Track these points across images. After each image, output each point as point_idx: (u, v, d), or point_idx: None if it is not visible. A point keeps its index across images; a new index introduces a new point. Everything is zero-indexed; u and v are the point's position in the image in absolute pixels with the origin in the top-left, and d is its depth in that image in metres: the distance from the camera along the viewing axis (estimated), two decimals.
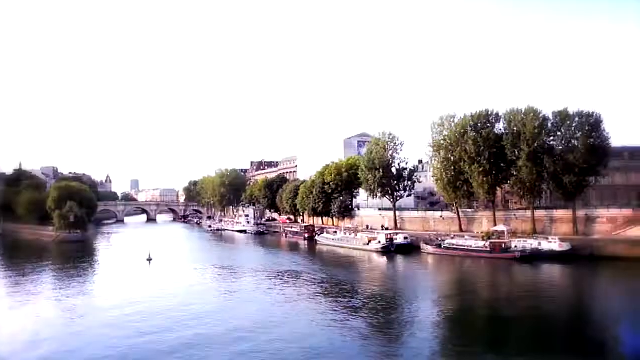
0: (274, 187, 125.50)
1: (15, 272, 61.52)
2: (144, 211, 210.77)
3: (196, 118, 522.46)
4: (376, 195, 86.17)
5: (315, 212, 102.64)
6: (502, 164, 68.08)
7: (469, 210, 79.12)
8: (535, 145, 62.82)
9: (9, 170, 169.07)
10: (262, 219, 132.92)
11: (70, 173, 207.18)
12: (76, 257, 74.59)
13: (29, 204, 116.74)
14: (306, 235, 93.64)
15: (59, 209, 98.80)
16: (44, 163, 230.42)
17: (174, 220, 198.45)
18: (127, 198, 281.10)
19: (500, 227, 66.51)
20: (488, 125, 69.13)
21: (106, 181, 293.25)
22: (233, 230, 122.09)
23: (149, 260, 65.48)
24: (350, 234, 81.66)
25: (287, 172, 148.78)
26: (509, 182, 69.66)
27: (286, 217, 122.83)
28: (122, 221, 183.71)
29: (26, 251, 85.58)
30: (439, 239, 70.39)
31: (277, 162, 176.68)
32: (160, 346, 28.14)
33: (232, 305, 39.38)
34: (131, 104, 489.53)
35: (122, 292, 45.98)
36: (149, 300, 41.66)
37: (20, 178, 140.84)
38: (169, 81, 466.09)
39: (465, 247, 64.30)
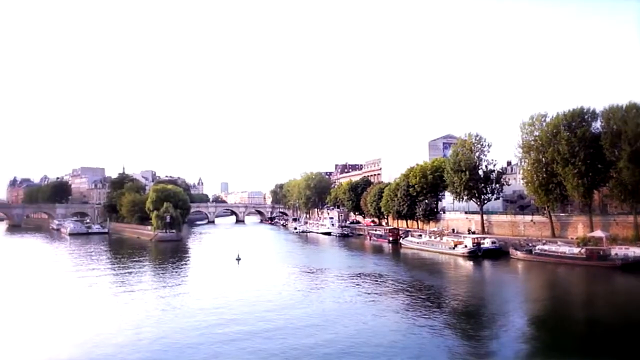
0: (358, 190, 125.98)
1: (120, 268, 66.70)
2: (233, 213, 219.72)
3: (282, 122, 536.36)
4: (462, 198, 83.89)
5: (399, 215, 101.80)
6: (599, 165, 63.72)
7: (563, 214, 74.86)
8: (638, 144, 58.19)
9: (114, 174, 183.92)
10: (346, 221, 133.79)
11: (166, 176, 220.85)
12: (172, 255, 79.53)
13: (131, 205, 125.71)
14: (390, 238, 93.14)
15: (157, 210, 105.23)
16: (144, 167, 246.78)
17: (261, 221, 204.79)
18: (218, 200, 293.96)
19: (598, 233, 62.32)
20: (583, 124, 65.02)
21: (198, 184, 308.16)
22: (318, 232, 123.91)
23: (238, 259, 68.22)
24: (435, 238, 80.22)
25: (371, 175, 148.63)
26: (607, 184, 65.11)
27: (370, 219, 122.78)
28: (213, 222, 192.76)
29: (128, 248, 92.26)
30: (530, 244, 67.23)
31: (361, 165, 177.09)
32: (245, 343, 29.43)
33: (317, 306, 40.10)
34: (223, 111, 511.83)
35: (213, 290, 48.22)
36: (238, 298, 43.45)
37: (123, 181, 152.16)
38: (255, 88, 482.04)
39: (559, 254, 60.87)
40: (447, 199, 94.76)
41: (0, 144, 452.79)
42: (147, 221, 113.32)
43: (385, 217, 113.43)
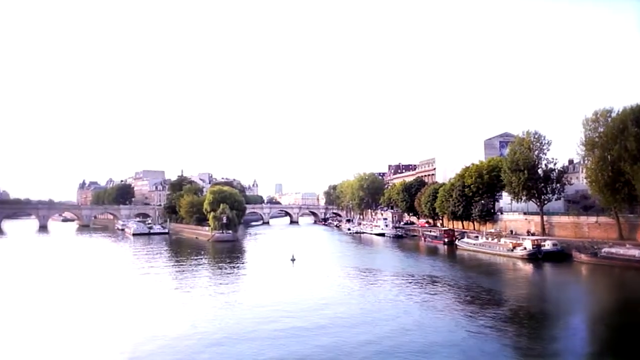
0: (411, 190, 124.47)
1: (180, 267, 69.17)
2: (287, 214, 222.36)
3: (335, 124, 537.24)
4: (521, 199, 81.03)
5: (454, 216, 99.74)
6: None
7: (631, 215, 70.90)
8: None
9: (173, 176, 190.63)
10: (400, 222, 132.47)
11: (223, 178, 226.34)
12: (228, 255, 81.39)
13: (189, 206, 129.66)
14: (446, 240, 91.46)
15: (214, 211, 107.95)
16: (201, 170, 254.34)
17: (315, 222, 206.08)
18: (272, 201, 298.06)
19: None
20: None
21: (253, 185, 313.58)
22: (371, 233, 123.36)
23: (293, 260, 68.98)
24: (492, 239, 78.09)
25: (425, 175, 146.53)
26: None
27: (425, 220, 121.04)
28: (268, 223, 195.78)
29: (187, 248, 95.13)
30: (595, 246, 64.16)
31: (415, 165, 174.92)
32: (300, 340, 29.98)
33: (371, 307, 39.95)
34: (278, 113, 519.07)
35: (268, 289, 49.15)
36: (293, 297, 44.02)
37: (182, 183, 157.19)
38: (309, 89, 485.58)
39: (627, 257, 57.63)
40: (505, 199, 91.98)
41: (71, 150, 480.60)
42: (204, 222, 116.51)
43: (440, 218, 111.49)
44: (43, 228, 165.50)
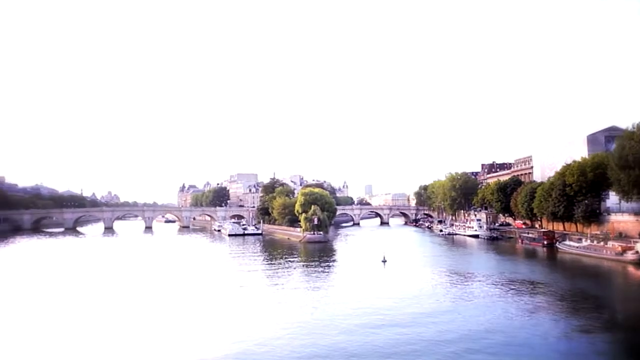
0: (507, 190, 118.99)
1: (273, 267, 71.38)
2: (377, 215, 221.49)
3: (426, 123, 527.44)
4: (631, 198, 74.75)
5: (554, 217, 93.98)
6: None
7: None
8: None
9: (266, 179, 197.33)
10: (494, 223, 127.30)
11: (313, 180, 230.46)
12: (319, 256, 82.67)
13: (281, 208, 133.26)
14: (545, 242, 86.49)
15: (305, 213, 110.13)
16: (292, 172, 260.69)
17: (405, 223, 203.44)
18: (362, 202, 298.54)
19: None
20: None
21: (343, 187, 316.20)
22: (465, 235, 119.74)
23: (384, 261, 68.70)
24: (598, 242, 72.74)
25: (521, 174, 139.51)
26: None
27: (521, 221, 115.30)
28: (358, 224, 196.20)
29: (280, 249, 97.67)
30: None
31: (510, 164, 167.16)
32: (390, 343, 29.78)
33: (465, 311, 38.85)
34: (369, 115, 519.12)
35: (359, 290, 49.26)
36: (385, 299, 43.77)
37: (274, 185, 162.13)
38: (401, 89, 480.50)
39: None
40: (612, 198, 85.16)
41: (172, 156, 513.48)
42: (296, 223, 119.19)
43: (538, 219, 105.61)
44: (148, 229, 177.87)
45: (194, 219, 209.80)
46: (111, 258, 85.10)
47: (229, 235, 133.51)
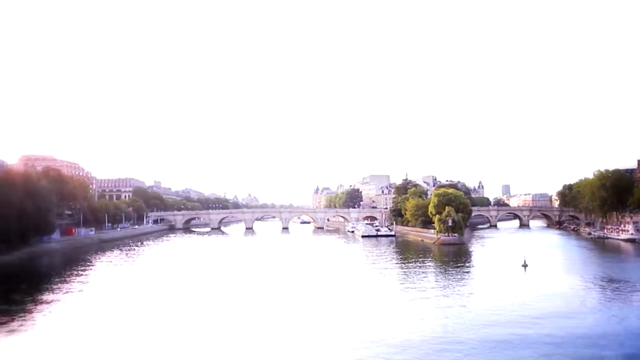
0: None
1: (407, 268, 71.47)
2: (515, 216, 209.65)
3: (570, 115, 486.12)
4: None
5: None
6: None
7: None
8: None
9: (398, 180, 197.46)
10: None
11: (447, 181, 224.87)
12: (454, 258, 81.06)
13: (414, 209, 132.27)
14: None
15: (439, 214, 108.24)
16: (425, 173, 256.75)
17: (548, 226, 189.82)
18: (499, 203, 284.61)
19: None
20: None
21: (478, 187, 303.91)
22: (618, 239, 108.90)
23: (525, 266, 65.15)
24: None
25: None
26: None
27: None
28: (495, 226, 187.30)
29: (413, 250, 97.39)
30: None
31: None
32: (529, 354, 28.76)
33: (617, 324, 35.99)
34: (502, 111, 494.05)
35: (498, 294, 47.61)
36: (525, 305, 41.94)
37: (406, 186, 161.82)
38: (530, 84, 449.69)
39: None
40: None
41: (306, 160, 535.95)
42: (429, 225, 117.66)
43: None
44: (285, 229, 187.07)
45: (328, 220, 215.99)
46: (254, 254, 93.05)
47: (362, 236, 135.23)
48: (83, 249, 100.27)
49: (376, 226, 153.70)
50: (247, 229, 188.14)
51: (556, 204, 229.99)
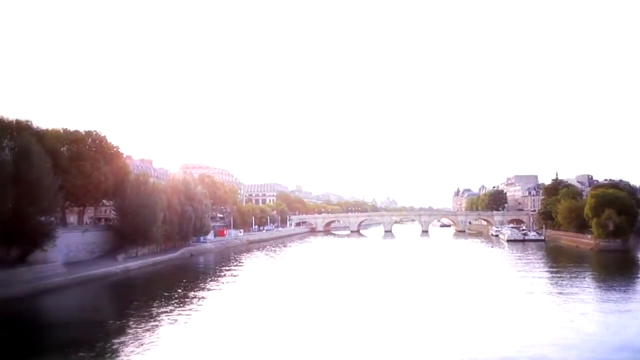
0: None
1: (558, 277, 65.30)
2: None
3: None
4: None
5: None
6: None
7: None
8: None
9: (547, 180, 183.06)
10: None
11: (606, 180, 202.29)
12: (617, 267, 72.69)
13: (567, 212, 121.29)
14: None
15: (597, 217, 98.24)
16: (578, 172, 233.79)
17: None
18: None
19: None
20: None
21: None
22: None
23: None
24: None
25: None
26: None
27: None
28: None
29: (566, 257, 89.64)
30: None
31: None
32: None
33: None
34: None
35: None
36: None
37: (557, 187, 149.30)
38: None
39: None
40: None
41: (446, 161, 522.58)
42: (585, 229, 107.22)
43: None
44: (425, 232, 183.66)
45: (470, 223, 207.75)
46: (395, 257, 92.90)
47: (508, 240, 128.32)
48: (233, 249, 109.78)
49: (523, 230, 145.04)
50: (385, 231, 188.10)
51: None
